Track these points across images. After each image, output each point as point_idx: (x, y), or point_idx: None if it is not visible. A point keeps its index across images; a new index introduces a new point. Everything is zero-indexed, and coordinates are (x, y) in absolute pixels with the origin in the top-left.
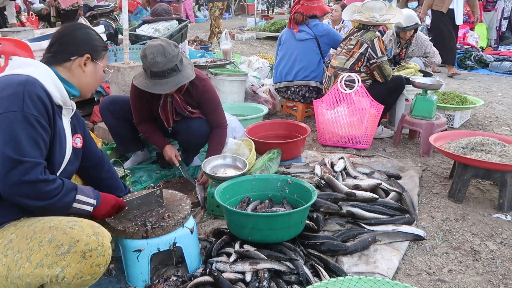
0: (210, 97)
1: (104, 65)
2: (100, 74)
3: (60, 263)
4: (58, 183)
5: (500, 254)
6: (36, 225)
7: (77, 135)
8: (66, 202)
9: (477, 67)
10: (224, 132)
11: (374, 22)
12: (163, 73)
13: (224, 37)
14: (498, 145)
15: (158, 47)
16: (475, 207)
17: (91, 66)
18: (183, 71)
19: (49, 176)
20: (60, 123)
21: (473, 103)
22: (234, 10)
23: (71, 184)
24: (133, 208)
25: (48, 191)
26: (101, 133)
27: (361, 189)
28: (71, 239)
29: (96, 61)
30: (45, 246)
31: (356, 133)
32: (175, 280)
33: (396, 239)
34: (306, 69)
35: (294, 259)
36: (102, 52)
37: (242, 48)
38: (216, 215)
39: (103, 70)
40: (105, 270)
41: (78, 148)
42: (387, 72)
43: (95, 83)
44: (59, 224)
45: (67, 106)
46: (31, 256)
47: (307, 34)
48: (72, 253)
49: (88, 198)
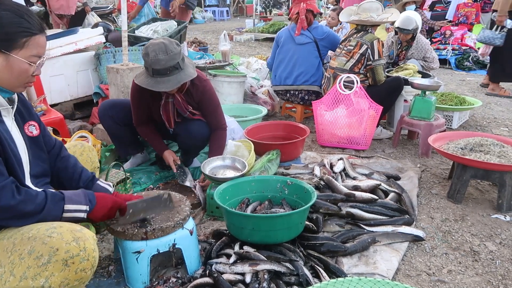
0: (210, 97)
1: (24, 56)
2: (18, 68)
3: (43, 274)
4: (40, 198)
5: (500, 254)
6: (15, 237)
7: (29, 123)
8: (53, 215)
9: (475, 68)
10: (223, 134)
11: (373, 21)
12: (165, 71)
13: (223, 38)
14: (497, 146)
15: (160, 45)
16: (474, 207)
17: (1, 59)
18: (185, 69)
19: (26, 193)
20: (3, 127)
21: (471, 104)
22: (232, 11)
23: (57, 195)
24: (138, 211)
25: (30, 211)
26: (100, 135)
27: (361, 190)
28: (50, 249)
29: (8, 52)
30: (25, 258)
31: (355, 134)
32: (174, 281)
33: (396, 240)
34: (306, 74)
35: (294, 260)
36: (19, 40)
37: (241, 50)
38: (216, 216)
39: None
40: (92, 273)
41: (35, 137)
42: (378, 77)
43: (16, 79)
44: (38, 233)
45: (3, 107)
46: (13, 269)
47: (307, 38)
48: (53, 262)
49: (79, 205)
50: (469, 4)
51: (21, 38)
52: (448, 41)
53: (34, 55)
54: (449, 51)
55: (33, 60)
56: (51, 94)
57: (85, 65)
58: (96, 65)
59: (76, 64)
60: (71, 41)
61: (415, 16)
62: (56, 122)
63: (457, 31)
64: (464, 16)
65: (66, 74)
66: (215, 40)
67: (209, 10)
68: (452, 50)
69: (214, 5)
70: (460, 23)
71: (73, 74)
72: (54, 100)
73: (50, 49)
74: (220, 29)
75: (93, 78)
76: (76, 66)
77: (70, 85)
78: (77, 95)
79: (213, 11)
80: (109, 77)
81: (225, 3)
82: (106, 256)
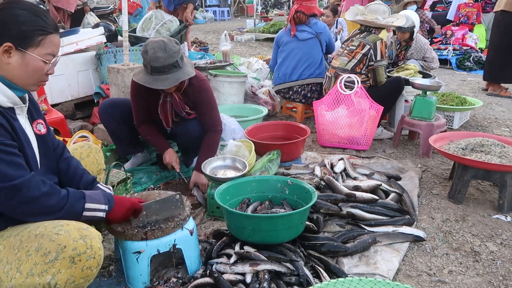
0: (206, 97)
1: (40, 54)
2: (33, 65)
3: (49, 270)
4: (62, 194)
5: (500, 255)
6: (22, 234)
7: (37, 121)
8: (75, 212)
9: (476, 68)
10: (217, 137)
11: (378, 23)
12: (164, 68)
13: (223, 38)
14: (498, 146)
15: (159, 42)
16: (475, 208)
17: (17, 56)
18: (183, 68)
19: (51, 186)
20: (17, 124)
21: (472, 104)
22: (233, 11)
23: (78, 194)
24: (152, 213)
25: (52, 205)
26: (101, 135)
27: (361, 190)
28: (58, 246)
29: (24, 50)
30: (32, 255)
31: (355, 134)
32: (175, 281)
33: (396, 240)
34: (311, 67)
35: (295, 260)
36: (35, 38)
37: (242, 50)
38: (216, 217)
39: (44, 61)
40: (98, 271)
41: (43, 135)
42: (379, 78)
43: (30, 77)
44: (45, 231)
45: (18, 105)
46: (20, 266)
47: (309, 33)
48: (60, 259)
49: (99, 205)
50: (470, 4)
51: (37, 36)
52: (449, 41)
53: (49, 53)
54: (450, 51)
55: (48, 58)
56: (52, 94)
57: (86, 65)
58: (97, 65)
59: (77, 64)
60: (72, 41)
61: (412, 15)
62: (57, 122)
63: (458, 31)
64: (465, 16)
65: (67, 74)
66: (215, 40)
67: (210, 10)
68: (453, 50)
69: (215, 5)
70: (461, 23)
71: (74, 74)
72: (55, 100)
73: None
74: (221, 29)
75: (94, 78)
76: (77, 66)
77: (71, 85)
78: (78, 95)
79: (213, 11)
80: (110, 77)
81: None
82: (106, 256)
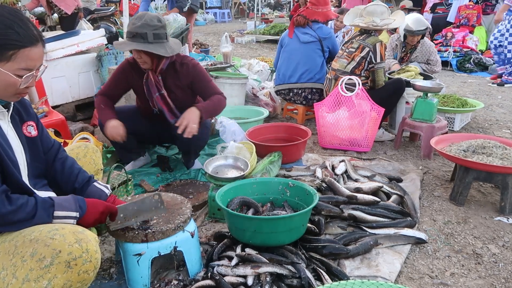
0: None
1: (11, 69)
2: (3, 81)
3: (45, 276)
4: (30, 206)
5: (503, 257)
6: (17, 239)
7: (27, 124)
8: (44, 222)
9: (476, 70)
10: (221, 98)
11: (372, 27)
12: (144, 35)
13: (224, 40)
14: (499, 148)
15: (145, 15)
16: (476, 210)
17: None
18: (164, 45)
19: (16, 203)
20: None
21: (473, 106)
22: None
23: (47, 202)
24: (130, 215)
25: (20, 219)
26: (102, 136)
27: (363, 192)
28: (53, 251)
29: None
30: (28, 261)
31: (357, 136)
32: (176, 284)
33: (398, 242)
34: (311, 72)
35: (296, 262)
36: (5, 52)
37: (242, 51)
38: (217, 219)
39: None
40: (95, 274)
41: (33, 137)
42: (378, 80)
43: (3, 91)
44: (40, 235)
45: None
46: (16, 272)
47: (312, 36)
48: (56, 264)
49: (69, 212)
50: (470, 6)
51: (7, 50)
52: (450, 43)
53: (22, 68)
54: (450, 53)
55: (20, 74)
56: (52, 95)
57: (87, 67)
58: (97, 66)
59: (77, 66)
60: (73, 43)
61: (420, 17)
62: (58, 124)
63: (458, 33)
64: (465, 18)
65: (67, 75)
66: (216, 42)
67: (210, 12)
68: (453, 52)
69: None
70: (461, 25)
71: (74, 76)
72: (56, 101)
73: (52, 50)
74: (221, 31)
75: (95, 79)
76: (78, 68)
77: (71, 87)
78: (79, 97)
79: (214, 13)
80: None
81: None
82: (107, 258)
